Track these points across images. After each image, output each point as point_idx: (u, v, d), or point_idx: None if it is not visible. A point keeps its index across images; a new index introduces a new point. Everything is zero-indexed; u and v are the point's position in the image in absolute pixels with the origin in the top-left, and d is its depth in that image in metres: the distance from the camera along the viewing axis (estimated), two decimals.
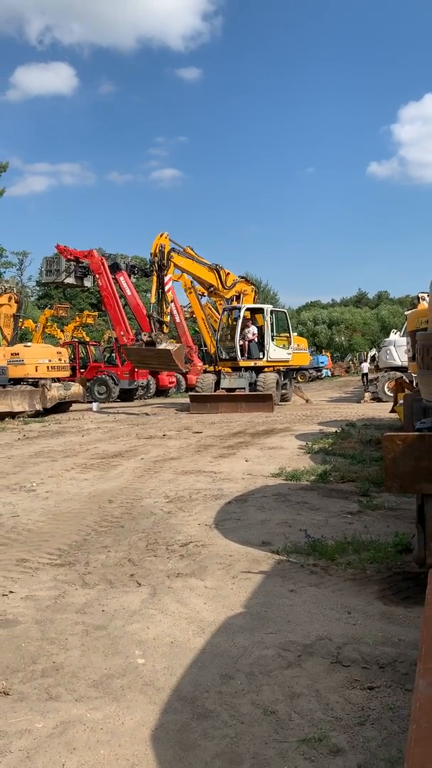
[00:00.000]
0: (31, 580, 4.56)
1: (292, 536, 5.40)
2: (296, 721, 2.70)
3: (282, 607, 3.94)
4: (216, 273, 23.67)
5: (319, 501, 6.81)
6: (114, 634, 3.62)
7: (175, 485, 7.93)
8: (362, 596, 4.07)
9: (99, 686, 3.04)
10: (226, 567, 4.72)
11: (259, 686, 2.99)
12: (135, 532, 5.75)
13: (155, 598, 4.14)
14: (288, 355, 22.30)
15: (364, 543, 5.04)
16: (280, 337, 22.56)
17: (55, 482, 8.36)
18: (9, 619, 3.85)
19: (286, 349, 22.27)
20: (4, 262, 70.25)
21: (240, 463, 9.59)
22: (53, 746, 2.57)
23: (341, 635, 3.50)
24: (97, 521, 6.20)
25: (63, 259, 27.86)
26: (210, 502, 6.93)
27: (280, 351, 22.31)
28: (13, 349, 20.95)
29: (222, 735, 2.62)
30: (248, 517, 6.17)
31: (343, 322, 71.78)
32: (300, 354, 23.21)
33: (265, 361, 22.20)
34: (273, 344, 22.28)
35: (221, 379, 22.05)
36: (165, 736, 2.63)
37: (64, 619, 3.84)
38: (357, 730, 2.61)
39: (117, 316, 27.19)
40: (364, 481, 7.57)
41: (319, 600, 4.03)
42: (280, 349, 22.31)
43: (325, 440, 11.46)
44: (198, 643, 3.46)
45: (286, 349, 22.27)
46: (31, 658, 3.35)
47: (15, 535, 5.77)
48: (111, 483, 8.20)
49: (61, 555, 5.14)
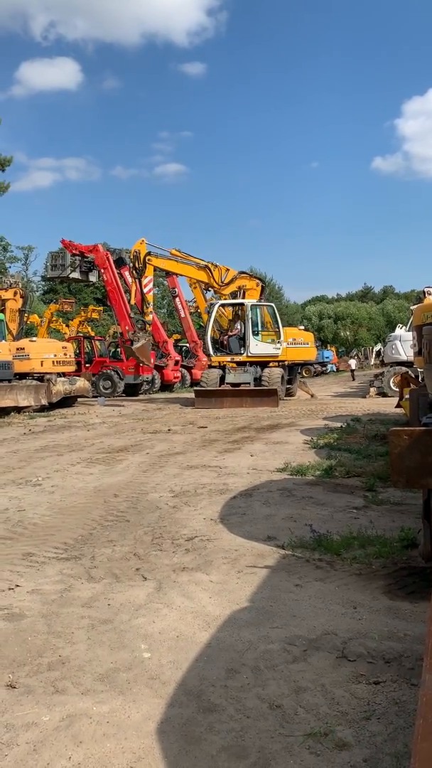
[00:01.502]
0: (37, 574, 4.58)
1: (298, 531, 5.40)
2: (302, 715, 2.70)
3: (287, 601, 3.94)
4: (207, 271, 23.59)
5: (325, 496, 6.80)
6: (120, 628, 3.63)
7: (181, 480, 7.94)
8: (368, 591, 4.06)
9: (105, 680, 3.05)
10: (231, 561, 4.73)
11: (265, 680, 3.00)
12: (140, 527, 5.76)
13: (161, 593, 4.15)
14: (276, 350, 21.81)
15: (369, 538, 5.04)
16: (268, 332, 22.38)
17: (60, 476, 8.38)
18: (15, 613, 3.87)
19: (274, 343, 22.02)
20: (10, 257, 70.30)
21: (245, 457, 9.59)
22: (60, 739, 2.59)
23: (347, 630, 3.50)
24: (103, 515, 6.21)
25: (68, 254, 27.86)
26: (215, 496, 6.94)
27: (265, 346, 21.95)
28: (19, 344, 20.98)
29: (228, 729, 2.62)
30: (253, 512, 6.18)
31: (349, 316, 71.56)
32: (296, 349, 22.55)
33: (245, 356, 22.02)
34: (255, 339, 21.99)
35: (226, 374, 22.02)
36: (171, 729, 2.64)
37: (70, 613, 3.85)
38: (363, 724, 2.61)
39: (122, 311, 27.16)
40: (369, 476, 7.56)
41: (324, 595, 4.03)
42: (266, 344, 21.94)
43: (331, 435, 11.45)
44: (204, 638, 3.47)
45: (273, 344, 22.01)
46: (37, 651, 3.36)
47: (21, 530, 5.79)
48: (116, 477, 8.21)
49: (67, 549, 5.15)
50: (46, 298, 63.05)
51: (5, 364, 18.48)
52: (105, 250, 27.66)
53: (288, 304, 73.83)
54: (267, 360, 21.89)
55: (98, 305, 45.85)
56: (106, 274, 27.20)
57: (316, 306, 77.76)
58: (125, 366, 26.80)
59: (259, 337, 22.12)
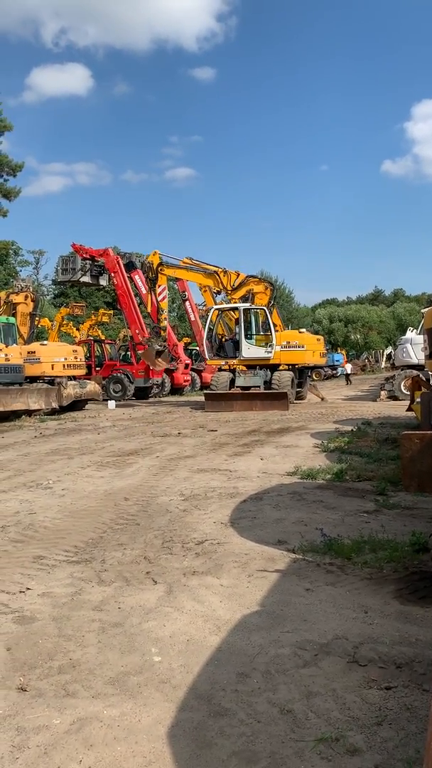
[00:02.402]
0: (48, 577, 4.59)
1: (308, 535, 5.39)
2: (313, 720, 2.69)
3: (298, 605, 3.92)
4: (216, 277, 23.95)
5: (335, 500, 6.78)
6: (130, 632, 3.63)
7: (191, 483, 7.94)
8: (379, 595, 4.04)
9: (115, 683, 3.05)
10: (241, 565, 4.72)
11: (276, 685, 2.99)
12: (151, 530, 5.77)
13: (171, 596, 4.15)
14: (267, 353, 21.94)
15: (380, 542, 5.01)
16: (262, 336, 22.61)
17: (71, 480, 8.41)
18: (26, 616, 3.88)
19: (266, 347, 22.17)
20: (21, 261, 70.78)
21: (255, 461, 9.58)
22: (70, 742, 2.59)
23: (358, 634, 3.48)
24: (113, 519, 6.22)
25: (79, 258, 28.00)
26: (225, 500, 6.93)
27: (257, 349, 22.18)
28: (30, 347, 21.11)
29: (238, 733, 2.62)
30: (264, 516, 6.17)
31: (359, 320, 71.39)
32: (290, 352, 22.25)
33: (238, 360, 22.48)
34: (248, 343, 22.36)
35: (236, 377, 22.04)
36: (181, 733, 2.63)
37: (81, 616, 3.86)
38: (374, 730, 2.60)
39: (132, 315, 27.28)
40: (380, 479, 7.53)
41: (335, 599, 4.01)
42: (258, 348, 22.20)
43: (341, 439, 11.41)
44: (214, 641, 3.46)
45: (265, 348, 22.19)
46: (48, 654, 3.37)
47: (32, 533, 5.81)
48: (127, 481, 8.23)
49: (78, 552, 5.16)
50: (57, 302, 63.39)
51: (16, 368, 18.59)
52: (115, 254, 27.78)
53: (298, 308, 73.72)
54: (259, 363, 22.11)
55: (108, 309, 46.04)
56: (116, 278, 27.32)
57: (327, 309, 77.70)
58: (135, 369, 26.87)
59: (252, 341, 22.42)
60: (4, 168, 23.46)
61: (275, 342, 21.84)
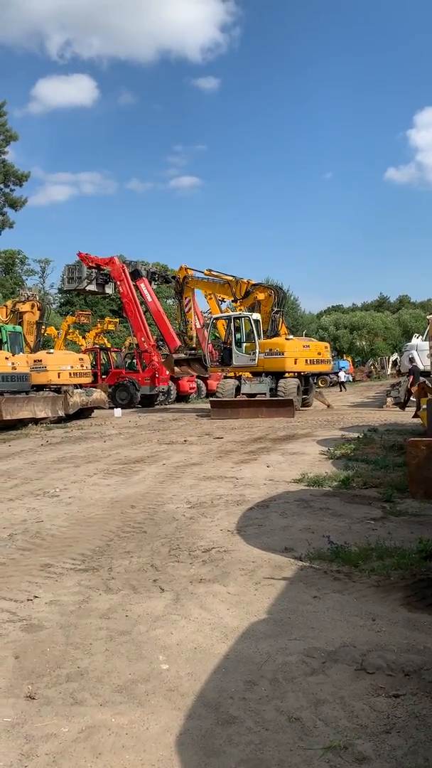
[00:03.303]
0: (56, 585, 4.60)
1: (315, 542, 5.38)
2: (321, 728, 2.69)
3: (305, 613, 3.92)
4: (228, 286, 24.75)
5: (342, 507, 6.77)
6: (138, 640, 3.63)
7: (197, 491, 7.94)
8: (386, 603, 4.03)
9: (123, 691, 3.06)
10: (248, 573, 4.72)
11: (284, 693, 2.98)
12: (157, 538, 5.77)
13: (178, 604, 4.15)
14: (251, 361, 22.46)
15: (387, 549, 5.00)
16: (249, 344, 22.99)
17: (77, 488, 8.42)
18: (34, 624, 3.89)
19: (250, 355, 22.51)
20: (27, 270, 71.19)
21: (261, 468, 9.57)
22: (79, 751, 2.59)
23: (365, 642, 3.48)
24: (120, 526, 6.23)
25: (84, 267, 28.15)
26: (232, 507, 6.93)
27: (244, 357, 22.71)
28: (36, 356, 21.20)
29: (247, 741, 2.62)
30: (270, 523, 6.16)
31: (365, 326, 71.32)
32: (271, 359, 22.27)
33: (231, 367, 23.02)
34: (238, 351, 22.98)
35: (242, 384, 22.07)
36: (190, 741, 2.63)
37: (88, 624, 3.86)
38: (383, 738, 2.59)
39: (138, 323, 27.37)
40: (387, 486, 7.51)
41: (342, 606, 4.00)
42: (245, 356, 22.73)
43: (347, 446, 11.39)
44: (222, 649, 3.46)
45: (249, 355, 22.54)
46: (56, 662, 3.38)
47: (39, 541, 5.82)
48: (133, 488, 8.24)
49: (85, 560, 5.17)
50: (63, 311, 63.60)
51: (23, 376, 18.65)
52: (121, 262, 27.92)
53: (304, 314, 73.75)
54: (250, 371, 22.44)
55: (114, 317, 46.14)
56: (122, 286, 27.43)
57: (332, 316, 77.69)
58: (141, 377, 26.91)
59: (242, 349, 22.71)
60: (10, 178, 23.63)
61: (258, 350, 22.15)
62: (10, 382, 17.98)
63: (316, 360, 22.82)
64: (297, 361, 21.88)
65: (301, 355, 22.13)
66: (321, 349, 23.44)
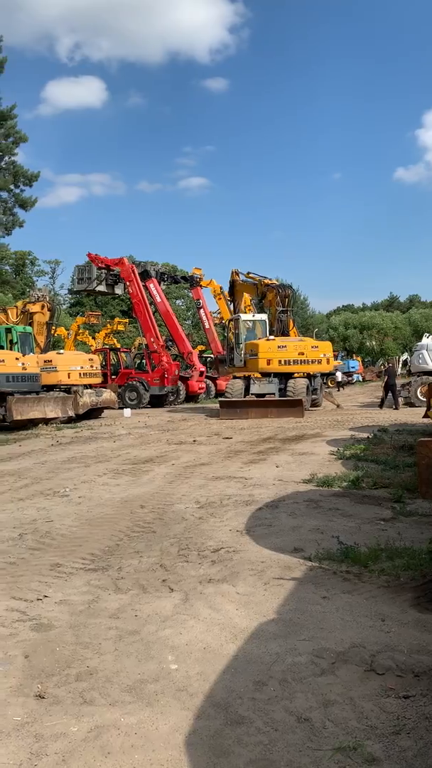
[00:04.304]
0: (65, 584, 4.62)
1: (325, 543, 5.37)
2: (330, 729, 2.68)
3: (315, 614, 3.91)
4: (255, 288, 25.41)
5: (352, 507, 6.75)
6: (147, 639, 3.64)
7: (206, 491, 7.95)
8: (396, 604, 4.02)
9: (132, 691, 3.06)
10: (258, 573, 4.71)
11: (293, 693, 2.98)
12: (167, 538, 5.78)
13: (187, 604, 4.16)
14: (240, 362, 23.04)
15: (397, 550, 4.98)
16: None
17: (87, 487, 8.45)
18: (44, 624, 3.91)
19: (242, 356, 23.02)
20: (37, 271, 71.61)
21: (271, 468, 9.56)
22: (88, 750, 2.60)
23: (375, 643, 3.46)
24: (129, 526, 6.24)
25: (94, 267, 28.24)
26: (241, 507, 6.93)
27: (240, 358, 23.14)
28: (46, 356, 21.28)
29: (256, 742, 2.61)
30: (280, 524, 6.15)
31: (375, 326, 71.07)
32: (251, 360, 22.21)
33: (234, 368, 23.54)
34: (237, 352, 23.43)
35: (251, 384, 22.07)
36: (199, 742, 2.63)
37: (98, 624, 3.88)
38: (392, 739, 2.58)
39: (147, 323, 27.42)
40: (397, 487, 7.49)
41: (352, 607, 3.99)
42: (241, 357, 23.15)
43: (357, 446, 11.36)
44: (231, 649, 3.46)
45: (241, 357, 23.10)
46: (65, 662, 3.39)
47: (49, 540, 5.85)
48: (142, 488, 8.25)
49: (94, 560, 5.19)
50: (73, 311, 63.88)
51: (33, 377, 18.73)
52: (130, 263, 28.00)
53: (313, 314, 73.62)
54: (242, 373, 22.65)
55: (124, 317, 46.29)
56: (131, 287, 27.50)
57: (341, 316, 77.44)
58: (151, 377, 26.96)
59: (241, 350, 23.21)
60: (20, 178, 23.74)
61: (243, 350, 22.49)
62: (20, 383, 18.05)
63: (295, 360, 21.79)
64: (270, 361, 21.61)
65: (275, 355, 21.65)
66: (304, 349, 22.09)
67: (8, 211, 24.31)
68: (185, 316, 69.29)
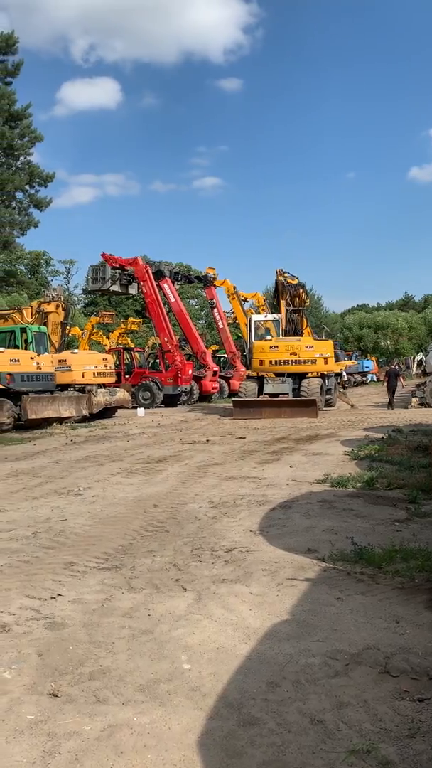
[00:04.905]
0: (79, 583, 4.63)
1: (338, 543, 5.34)
2: (344, 731, 2.66)
3: (328, 615, 3.89)
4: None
5: (366, 508, 6.71)
6: (160, 639, 3.63)
7: (219, 490, 7.94)
8: (411, 605, 3.99)
9: (145, 690, 3.06)
10: (271, 573, 4.70)
11: (306, 695, 2.96)
12: (180, 537, 5.78)
13: (200, 604, 4.15)
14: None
15: (412, 551, 4.94)
16: None
17: (101, 486, 8.47)
18: (57, 622, 3.92)
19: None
20: (52, 271, 71.99)
21: (284, 469, 9.54)
22: (101, 749, 2.60)
23: (389, 645, 3.44)
24: (143, 526, 6.25)
25: (108, 267, 28.31)
26: (254, 507, 6.91)
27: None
28: (61, 355, 21.39)
29: (269, 743, 2.60)
30: (293, 524, 6.13)
31: (389, 326, 70.66)
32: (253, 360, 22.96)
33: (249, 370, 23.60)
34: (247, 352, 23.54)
35: (264, 384, 22.02)
36: (211, 742, 2.63)
37: (111, 623, 3.88)
38: (407, 742, 2.56)
39: (161, 323, 27.46)
40: (412, 488, 7.43)
41: (366, 608, 3.96)
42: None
43: (372, 446, 11.29)
44: (244, 650, 3.45)
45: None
46: (78, 660, 3.39)
47: (63, 539, 5.87)
48: (156, 488, 8.26)
49: (108, 559, 5.20)
50: (87, 311, 64.10)
51: (48, 376, 18.83)
52: (144, 263, 28.04)
53: (327, 314, 73.37)
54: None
55: (138, 317, 46.40)
56: (145, 287, 27.55)
57: (356, 315, 77.06)
58: (164, 377, 27.00)
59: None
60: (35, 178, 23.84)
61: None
62: (35, 382, 18.15)
63: (286, 361, 21.35)
64: (263, 362, 21.70)
65: (266, 356, 21.60)
66: (297, 349, 21.45)
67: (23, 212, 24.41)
68: (199, 316, 69.31)
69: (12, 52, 22.57)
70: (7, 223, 23.37)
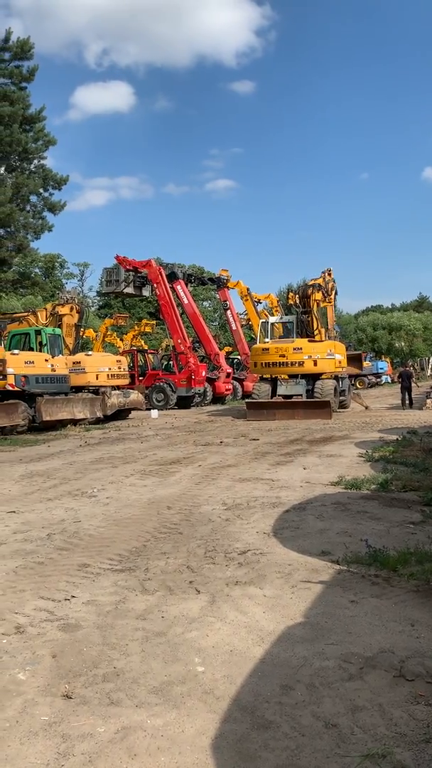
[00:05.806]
0: (93, 585, 4.64)
1: (353, 546, 5.31)
2: (359, 735, 2.64)
3: (343, 618, 3.87)
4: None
5: (380, 510, 6.67)
6: (173, 641, 3.63)
7: (233, 492, 7.93)
8: (426, 608, 3.95)
9: (159, 693, 3.06)
10: (285, 576, 4.68)
11: (320, 698, 2.94)
12: (193, 539, 5.77)
13: (214, 606, 4.14)
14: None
15: (427, 554, 4.90)
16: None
17: (115, 488, 8.49)
18: (71, 624, 3.93)
19: None
20: (66, 274, 72.45)
21: (298, 470, 9.50)
22: (114, 751, 2.60)
23: (404, 648, 3.41)
24: (156, 527, 6.25)
25: (122, 270, 28.41)
26: (268, 510, 6.89)
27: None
28: (75, 357, 21.50)
29: (283, 747, 2.59)
30: (307, 526, 6.10)
31: (403, 327, 70.28)
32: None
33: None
34: None
35: (278, 386, 21.97)
36: (225, 745, 2.62)
37: (125, 625, 3.88)
38: (422, 747, 2.53)
39: (174, 325, 27.51)
40: (427, 490, 7.37)
41: (380, 611, 3.94)
42: None
43: (386, 448, 11.22)
44: (257, 653, 3.44)
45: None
46: (92, 662, 3.40)
47: (77, 540, 5.88)
48: (169, 489, 8.27)
49: (122, 561, 5.21)
50: (101, 313, 64.38)
51: (62, 378, 18.93)
52: (158, 265, 28.15)
53: (341, 315, 73.12)
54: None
55: (151, 319, 46.50)
56: (158, 289, 27.63)
57: (370, 317, 76.73)
58: (177, 378, 27.04)
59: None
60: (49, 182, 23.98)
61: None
62: (49, 384, 18.27)
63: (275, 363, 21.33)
64: (257, 364, 21.89)
65: (260, 358, 21.67)
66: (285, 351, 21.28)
67: (38, 215, 24.54)
68: (212, 318, 69.36)
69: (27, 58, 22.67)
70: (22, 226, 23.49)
